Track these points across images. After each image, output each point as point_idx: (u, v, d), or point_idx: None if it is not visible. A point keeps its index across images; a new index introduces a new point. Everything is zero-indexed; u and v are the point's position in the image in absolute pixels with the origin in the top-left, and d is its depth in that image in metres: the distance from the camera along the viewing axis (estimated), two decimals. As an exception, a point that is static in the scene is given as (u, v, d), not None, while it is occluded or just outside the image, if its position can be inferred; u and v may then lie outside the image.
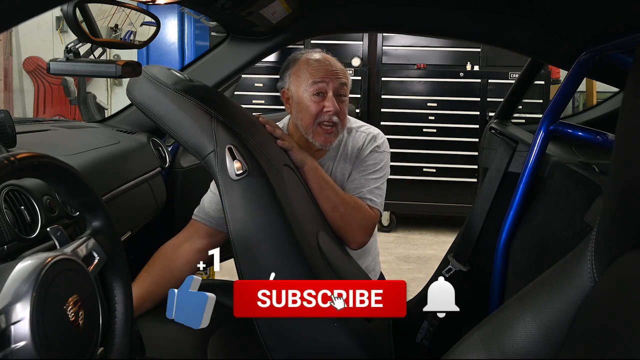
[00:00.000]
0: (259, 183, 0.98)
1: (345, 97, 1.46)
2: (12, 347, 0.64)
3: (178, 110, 1.03)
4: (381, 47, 4.37)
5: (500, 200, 1.64)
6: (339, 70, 1.47)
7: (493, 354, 0.67)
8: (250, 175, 0.97)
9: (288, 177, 1.18)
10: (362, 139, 1.52)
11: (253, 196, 0.98)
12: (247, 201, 0.97)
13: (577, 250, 0.67)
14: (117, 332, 0.89)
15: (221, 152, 0.98)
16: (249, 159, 0.98)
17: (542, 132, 1.47)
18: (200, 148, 1.00)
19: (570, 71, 1.41)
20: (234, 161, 0.97)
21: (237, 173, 0.96)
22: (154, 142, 1.74)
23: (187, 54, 3.96)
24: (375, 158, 1.50)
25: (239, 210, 0.96)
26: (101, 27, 3.89)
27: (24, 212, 0.96)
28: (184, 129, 1.02)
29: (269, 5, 1.26)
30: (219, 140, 0.99)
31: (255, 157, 1.00)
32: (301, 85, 1.43)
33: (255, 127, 1.19)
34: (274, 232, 0.98)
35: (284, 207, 1.00)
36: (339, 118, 1.43)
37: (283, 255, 0.98)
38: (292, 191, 1.12)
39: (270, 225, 0.98)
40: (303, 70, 1.44)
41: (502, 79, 4.22)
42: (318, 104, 1.41)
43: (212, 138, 0.99)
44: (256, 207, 0.98)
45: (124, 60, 1.27)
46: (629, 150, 0.57)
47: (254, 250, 0.96)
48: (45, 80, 5.23)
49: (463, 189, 4.28)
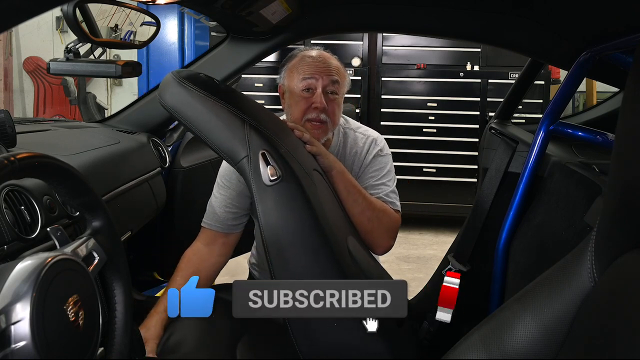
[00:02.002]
0: (292, 188, 0.98)
1: (337, 95, 1.44)
2: (12, 347, 0.64)
3: (210, 115, 1.02)
4: (381, 47, 4.37)
5: (500, 200, 1.64)
6: (333, 67, 1.45)
7: (493, 354, 0.67)
8: (283, 180, 0.97)
9: (318, 182, 1.18)
10: (361, 142, 1.52)
11: (287, 201, 0.97)
12: (281, 206, 0.97)
13: (577, 250, 0.67)
14: (117, 332, 0.89)
15: (254, 157, 0.98)
16: (282, 165, 0.98)
17: (542, 132, 1.47)
18: (233, 153, 1.00)
19: (570, 71, 1.41)
20: (268, 167, 0.97)
21: (271, 179, 0.96)
22: (154, 142, 1.74)
23: (187, 54, 3.95)
24: (380, 162, 1.50)
25: (273, 215, 0.96)
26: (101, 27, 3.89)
27: (24, 212, 0.96)
28: (216, 134, 1.02)
29: (269, 5, 1.25)
30: (252, 145, 0.99)
31: (288, 162, 1.00)
32: (293, 80, 1.43)
33: (285, 132, 1.19)
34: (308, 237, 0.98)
35: (317, 212, 0.99)
36: (328, 116, 1.41)
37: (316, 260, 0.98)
38: (322, 196, 1.12)
39: (304, 230, 0.98)
40: (297, 66, 1.44)
41: (502, 79, 4.22)
42: (307, 99, 1.41)
43: (245, 143, 0.99)
44: (290, 212, 0.98)
45: (124, 60, 1.27)
46: (629, 150, 0.57)
47: (287, 255, 0.96)
48: (45, 80, 5.23)
49: (463, 189, 4.28)
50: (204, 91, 1.05)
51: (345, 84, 1.49)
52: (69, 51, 1.29)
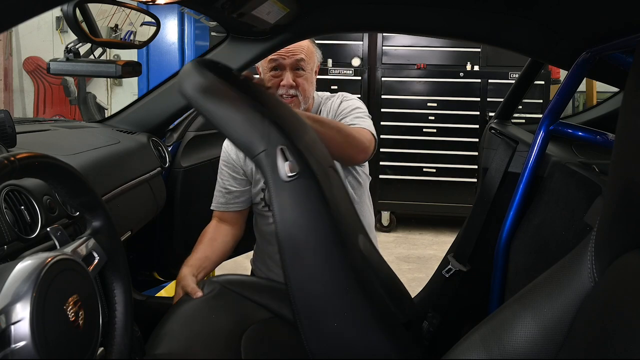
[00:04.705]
0: (309, 185, 0.97)
1: (304, 71, 1.60)
2: (12, 347, 0.64)
3: (230, 107, 1.01)
4: (381, 47, 4.37)
5: (500, 200, 1.64)
6: (297, 48, 1.60)
7: (493, 354, 0.67)
8: (301, 177, 0.95)
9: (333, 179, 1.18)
10: (331, 100, 1.69)
11: (303, 198, 0.96)
12: (298, 203, 0.96)
13: (577, 250, 0.67)
14: (117, 332, 0.89)
15: (272, 152, 0.96)
16: (300, 161, 0.97)
17: (542, 132, 1.47)
18: (251, 147, 0.98)
19: (570, 71, 1.41)
20: (286, 162, 0.96)
21: (289, 175, 0.94)
22: (154, 142, 1.74)
23: (187, 54, 3.95)
24: (344, 105, 1.65)
25: (289, 211, 0.95)
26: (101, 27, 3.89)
27: (24, 212, 0.96)
28: (235, 126, 1.00)
29: (260, 6, 1.25)
30: (271, 140, 0.97)
31: (306, 158, 0.99)
32: (263, 64, 1.63)
33: (304, 128, 1.18)
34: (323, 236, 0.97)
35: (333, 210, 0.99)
36: (298, 90, 1.58)
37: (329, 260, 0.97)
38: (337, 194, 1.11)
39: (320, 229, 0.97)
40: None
41: (502, 79, 4.22)
42: (276, 79, 1.59)
43: (264, 137, 0.98)
44: (306, 210, 0.97)
45: (124, 60, 1.27)
46: (629, 150, 0.57)
47: (301, 253, 0.95)
48: (45, 80, 5.24)
49: (463, 189, 4.28)
50: (225, 82, 1.04)
51: (314, 59, 1.65)
52: (69, 51, 1.29)
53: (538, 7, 1.29)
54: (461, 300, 1.72)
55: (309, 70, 1.61)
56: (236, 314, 1.33)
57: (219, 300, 1.36)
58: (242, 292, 1.40)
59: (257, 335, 1.29)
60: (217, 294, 1.37)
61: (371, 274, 1.08)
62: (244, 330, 1.29)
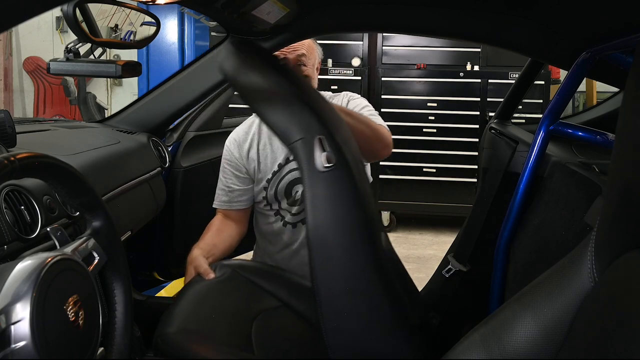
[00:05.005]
0: (345, 177, 0.96)
1: (306, 67, 1.62)
2: (12, 347, 0.64)
3: (272, 92, 1.01)
4: (381, 47, 4.37)
5: (500, 200, 1.64)
6: (299, 44, 1.62)
7: (493, 354, 0.67)
8: (337, 168, 0.94)
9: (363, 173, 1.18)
10: (339, 100, 1.70)
11: (337, 190, 0.95)
12: (332, 194, 0.95)
13: (577, 250, 0.67)
14: (117, 332, 0.89)
15: (310, 141, 0.95)
16: (338, 152, 0.96)
17: (542, 132, 1.46)
18: (288, 133, 0.97)
19: (570, 71, 1.41)
20: (324, 153, 0.94)
21: (325, 165, 0.93)
22: (154, 142, 1.74)
23: (187, 54, 3.96)
24: (354, 104, 1.66)
25: (322, 201, 0.94)
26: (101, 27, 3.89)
27: (24, 212, 0.96)
28: (275, 111, 0.99)
29: (260, 6, 1.25)
30: (310, 129, 0.96)
31: (343, 151, 0.98)
32: None
33: (340, 121, 1.18)
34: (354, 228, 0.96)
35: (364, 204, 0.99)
36: None
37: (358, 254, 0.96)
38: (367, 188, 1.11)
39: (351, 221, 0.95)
40: None
41: (502, 79, 4.22)
42: None
43: (303, 126, 0.96)
44: (340, 201, 0.95)
45: (124, 60, 1.27)
46: (629, 150, 0.57)
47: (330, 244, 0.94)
48: (45, 80, 5.23)
49: (463, 189, 4.28)
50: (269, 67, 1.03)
51: (315, 56, 1.68)
52: (69, 51, 1.29)
53: (538, 7, 1.29)
54: (461, 300, 1.72)
55: (310, 66, 1.63)
56: (246, 299, 1.36)
57: (230, 284, 1.38)
58: (252, 278, 1.42)
59: (267, 324, 1.31)
60: (228, 277, 1.39)
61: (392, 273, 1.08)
62: (255, 317, 1.31)
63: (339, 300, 0.92)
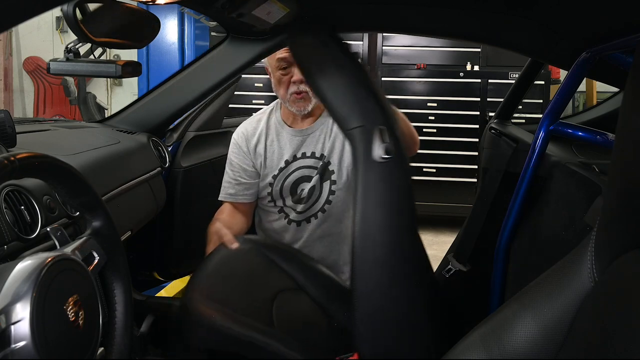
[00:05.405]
0: (400, 170, 0.96)
1: None
2: (12, 347, 0.64)
3: (339, 77, 1.00)
4: (381, 47, 4.37)
5: (500, 200, 1.64)
6: None
7: (493, 354, 0.67)
8: (393, 161, 0.94)
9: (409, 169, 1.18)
10: None
11: (391, 183, 0.95)
12: (385, 187, 0.95)
13: (577, 250, 0.67)
14: (117, 332, 0.89)
15: (370, 130, 0.94)
16: (396, 145, 0.96)
17: (542, 132, 1.46)
18: (348, 119, 0.96)
19: (570, 71, 1.41)
20: (383, 144, 0.94)
21: (383, 156, 0.93)
22: (154, 142, 1.74)
23: (187, 54, 3.95)
24: None
25: (373, 191, 0.94)
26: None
27: (24, 212, 0.96)
28: (339, 95, 0.99)
29: (260, 6, 1.25)
30: (372, 118, 0.96)
31: (401, 145, 0.98)
32: (271, 62, 1.63)
33: (397, 117, 1.19)
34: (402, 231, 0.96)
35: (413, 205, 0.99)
36: (307, 85, 1.57)
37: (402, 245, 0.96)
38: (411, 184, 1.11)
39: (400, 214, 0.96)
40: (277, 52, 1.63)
41: (502, 79, 4.22)
42: (286, 76, 1.60)
43: (364, 114, 0.96)
44: (391, 196, 0.95)
45: (124, 60, 1.27)
46: (629, 150, 0.56)
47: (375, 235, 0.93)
48: (45, 80, 5.23)
49: (463, 189, 4.27)
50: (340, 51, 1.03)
51: None
52: (69, 51, 1.29)
53: (538, 7, 1.29)
54: (461, 300, 1.72)
55: None
56: (266, 276, 1.37)
57: (253, 258, 1.40)
58: (271, 256, 1.43)
59: (285, 305, 1.32)
60: (250, 250, 1.40)
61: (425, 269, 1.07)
62: (274, 296, 1.32)
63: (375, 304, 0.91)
